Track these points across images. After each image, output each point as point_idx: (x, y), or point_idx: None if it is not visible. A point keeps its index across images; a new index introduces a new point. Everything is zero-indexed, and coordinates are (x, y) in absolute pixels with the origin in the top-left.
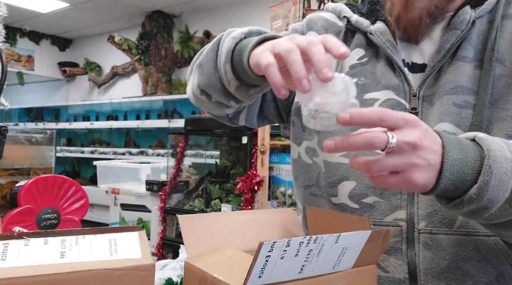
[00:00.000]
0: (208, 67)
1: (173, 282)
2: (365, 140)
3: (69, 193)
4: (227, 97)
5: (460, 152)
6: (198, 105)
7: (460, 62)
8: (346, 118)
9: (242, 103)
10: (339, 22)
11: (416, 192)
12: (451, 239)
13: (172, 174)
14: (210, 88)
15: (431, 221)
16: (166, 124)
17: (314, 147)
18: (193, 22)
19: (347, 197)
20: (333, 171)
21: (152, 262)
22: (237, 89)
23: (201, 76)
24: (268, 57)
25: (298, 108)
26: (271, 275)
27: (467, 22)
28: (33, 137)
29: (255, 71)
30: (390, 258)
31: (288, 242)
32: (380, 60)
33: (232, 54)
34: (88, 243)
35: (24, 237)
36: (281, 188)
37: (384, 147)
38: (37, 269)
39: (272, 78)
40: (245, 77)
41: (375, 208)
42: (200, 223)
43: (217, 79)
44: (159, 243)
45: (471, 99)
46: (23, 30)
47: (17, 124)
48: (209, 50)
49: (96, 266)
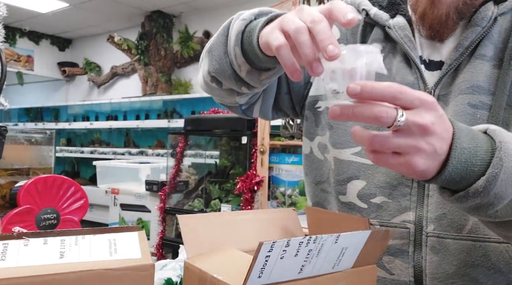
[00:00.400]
0: (218, 51)
1: (173, 282)
2: (372, 113)
3: (69, 193)
4: (238, 83)
5: (471, 141)
6: (209, 93)
7: (479, 60)
8: (356, 90)
9: (254, 89)
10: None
11: (415, 178)
12: (459, 244)
13: (171, 174)
14: (221, 74)
15: (439, 225)
16: (166, 124)
17: (326, 143)
18: (192, 22)
19: (355, 196)
20: (343, 168)
21: (151, 262)
22: (248, 73)
23: (211, 61)
24: (278, 38)
25: (312, 102)
26: (270, 275)
27: (488, 18)
28: (33, 137)
29: (265, 52)
30: (396, 260)
31: (288, 242)
32: (397, 56)
33: (242, 36)
34: (88, 243)
35: (23, 237)
36: (280, 188)
37: (391, 124)
38: (36, 269)
39: (285, 61)
40: (256, 60)
41: (383, 209)
42: (199, 223)
43: (227, 64)
44: (158, 243)
45: (488, 99)
46: (22, 30)
47: (16, 124)
48: (219, 34)
49: (95, 266)
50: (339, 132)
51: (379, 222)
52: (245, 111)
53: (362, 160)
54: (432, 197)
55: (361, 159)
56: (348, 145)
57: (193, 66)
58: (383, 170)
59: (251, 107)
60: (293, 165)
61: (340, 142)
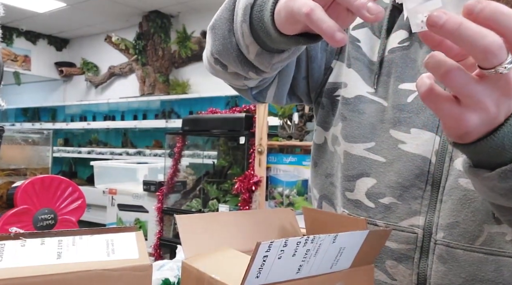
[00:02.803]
0: (221, 29)
1: (171, 282)
2: (484, 40)
3: (66, 193)
4: (245, 67)
5: None
6: (215, 75)
7: None
8: (439, 22)
9: (263, 74)
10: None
11: (451, 135)
12: (470, 256)
13: (169, 174)
14: (225, 56)
15: (450, 233)
16: (164, 124)
17: (337, 134)
18: (190, 22)
19: (363, 194)
20: (353, 164)
21: (149, 262)
22: (258, 56)
23: (214, 41)
24: (306, 3)
25: (331, 89)
26: (268, 275)
27: None
28: (30, 137)
29: (282, 30)
30: (400, 266)
31: (286, 242)
32: (424, 46)
33: (251, 11)
34: (85, 243)
35: (20, 237)
36: (278, 188)
37: (490, 67)
38: (33, 270)
39: (321, 25)
40: (268, 40)
41: (391, 210)
42: (197, 223)
43: (232, 44)
44: (156, 244)
45: None
46: (19, 30)
47: (13, 124)
48: (224, 8)
49: (93, 267)
50: (352, 124)
51: (385, 224)
52: (256, 96)
53: (375, 156)
54: (446, 202)
55: (374, 155)
56: (361, 139)
57: (191, 66)
58: (396, 169)
59: (263, 92)
60: (291, 165)
61: (353, 136)
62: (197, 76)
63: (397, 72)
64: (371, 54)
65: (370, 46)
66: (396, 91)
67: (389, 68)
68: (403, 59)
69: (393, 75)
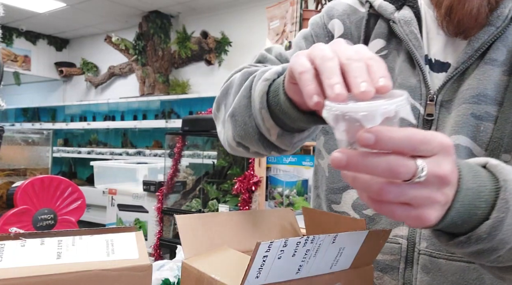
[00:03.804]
0: (242, 116)
1: (170, 282)
2: (388, 166)
3: (66, 193)
4: (267, 148)
5: (474, 179)
6: (235, 154)
7: (488, 65)
8: (370, 140)
9: (284, 152)
10: (361, 8)
11: (419, 228)
12: (452, 265)
13: (169, 175)
14: (247, 140)
15: (433, 243)
16: (163, 124)
17: (320, 148)
18: (190, 22)
19: (350, 206)
20: (338, 177)
21: (149, 262)
22: (279, 137)
23: (235, 127)
24: (304, 64)
25: None
26: (268, 275)
27: (504, 17)
28: (30, 138)
29: (293, 98)
30: (385, 277)
31: (285, 242)
32: (401, 53)
33: (267, 97)
34: (85, 243)
35: (20, 237)
36: (278, 189)
37: (409, 179)
38: (33, 270)
39: (305, 86)
40: (287, 120)
41: (375, 221)
42: (197, 224)
43: (253, 128)
44: (156, 244)
45: (494, 110)
46: (19, 30)
47: (13, 124)
48: (242, 96)
49: (93, 267)
50: (334, 138)
51: None
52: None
53: None
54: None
55: None
56: None
57: (190, 66)
58: None
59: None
60: (290, 165)
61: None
62: (196, 76)
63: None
64: None
65: None
66: None
67: None
68: None
69: None
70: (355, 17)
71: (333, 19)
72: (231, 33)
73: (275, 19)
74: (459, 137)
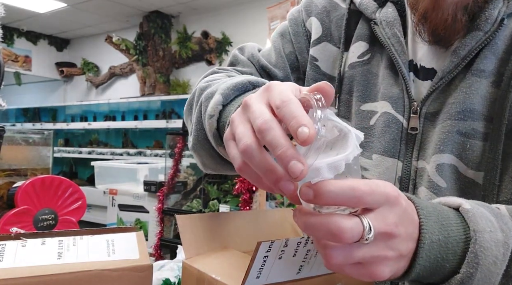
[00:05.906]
0: (204, 149)
1: (171, 282)
2: (328, 231)
3: (67, 193)
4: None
5: (440, 230)
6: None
7: (475, 77)
8: (309, 195)
9: None
10: (342, 3)
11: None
12: None
13: (170, 175)
14: (217, 168)
15: None
16: (164, 124)
17: None
18: (191, 22)
19: None
20: None
21: (149, 262)
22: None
23: (201, 158)
24: (235, 157)
25: None
26: (269, 275)
27: (493, 20)
28: (30, 138)
29: None
30: None
31: (286, 242)
32: (384, 58)
33: (219, 133)
34: (86, 244)
35: (21, 238)
36: None
37: (357, 240)
38: (34, 270)
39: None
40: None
41: None
42: (198, 224)
43: (219, 158)
44: (156, 244)
45: (481, 126)
46: (20, 30)
47: (14, 124)
48: (197, 129)
49: (93, 267)
50: None
51: None
52: None
53: None
54: None
55: None
56: None
57: (191, 66)
58: None
59: None
60: None
61: None
62: (197, 76)
63: (358, 91)
64: (331, 70)
65: (331, 61)
66: (358, 113)
67: (350, 86)
68: (364, 76)
69: (354, 94)
70: (336, 14)
71: (311, 17)
72: (232, 33)
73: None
74: (444, 156)
